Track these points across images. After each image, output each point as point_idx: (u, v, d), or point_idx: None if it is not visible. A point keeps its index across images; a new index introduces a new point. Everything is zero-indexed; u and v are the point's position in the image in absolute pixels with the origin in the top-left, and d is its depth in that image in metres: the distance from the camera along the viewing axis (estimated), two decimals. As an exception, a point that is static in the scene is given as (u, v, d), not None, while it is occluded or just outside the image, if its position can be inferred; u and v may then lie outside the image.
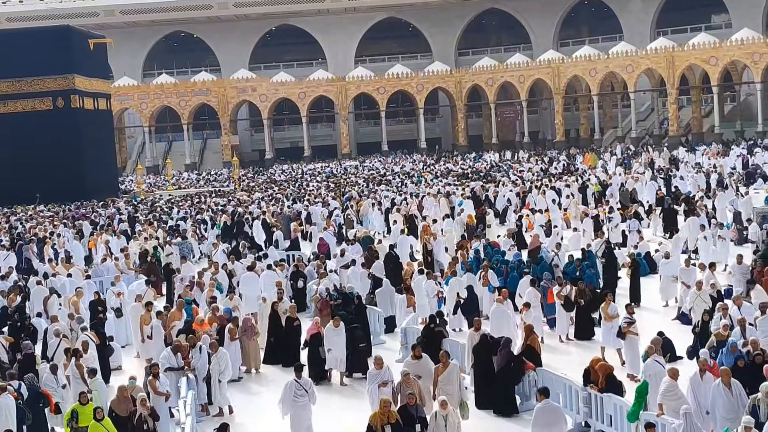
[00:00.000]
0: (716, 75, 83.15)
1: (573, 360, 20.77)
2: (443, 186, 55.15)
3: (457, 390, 16.76)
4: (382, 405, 14.92)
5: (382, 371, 17.18)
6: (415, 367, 17.23)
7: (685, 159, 65.00)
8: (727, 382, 14.87)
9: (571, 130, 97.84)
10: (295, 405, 16.89)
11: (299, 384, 16.99)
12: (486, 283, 25.32)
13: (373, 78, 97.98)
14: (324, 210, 45.97)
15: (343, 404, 19.61)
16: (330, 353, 20.76)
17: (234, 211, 46.37)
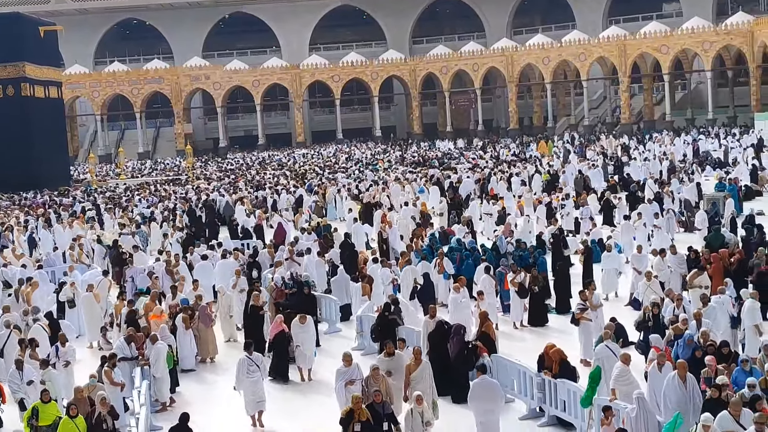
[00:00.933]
0: (667, 63, 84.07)
1: (527, 346, 20.89)
2: (401, 173, 55.32)
3: (429, 388, 16.20)
4: (354, 401, 14.53)
5: (351, 368, 16.65)
6: (388, 364, 16.73)
7: (638, 145, 65.65)
8: (682, 375, 14.64)
9: (525, 118, 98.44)
10: (247, 380, 17.70)
11: (251, 360, 17.86)
12: (441, 271, 25.41)
13: (327, 66, 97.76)
14: (290, 197, 46.03)
15: (310, 402, 19.22)
16: (298, 350, 20.23)
17: (207, 200, 46.26)
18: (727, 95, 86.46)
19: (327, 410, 17.32)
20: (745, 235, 27.23)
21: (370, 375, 15.95)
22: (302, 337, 20.22)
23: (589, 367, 17.98)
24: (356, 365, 16.71)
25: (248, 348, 18.37)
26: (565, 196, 39.23)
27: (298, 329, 20.22)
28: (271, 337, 20.41)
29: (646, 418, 13.76)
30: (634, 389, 14.78)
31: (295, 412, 18.50)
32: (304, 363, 20.43)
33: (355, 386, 16.14)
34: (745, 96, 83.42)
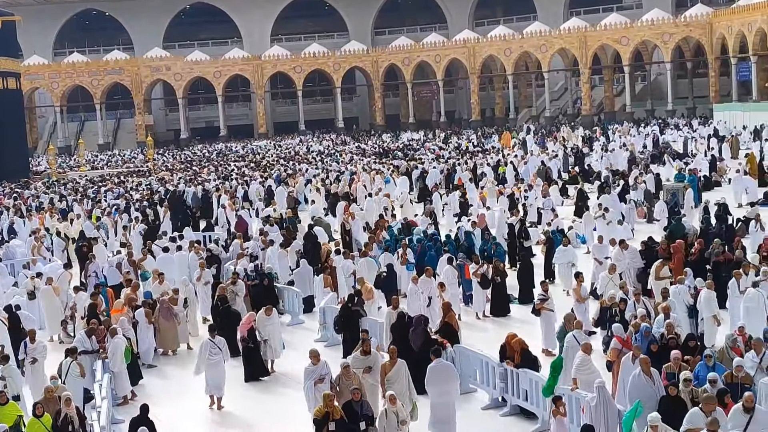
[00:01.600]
0: (627, 55, 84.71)
1: (489, 336, 21.00)
2: (366, 164, 55.53)
3: (406, 388, 15.58)
4: (326, 400, 14.02)
5: (319, 366, 16.14)
6: (364, 362, 16.15)
7: (600, 137, 66.12)
8: (646, 371, 14.43)
9: (487, 109, 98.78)
10: (209, 363, 18.30)
11: (213, 343, 18.41)
12: (404, 262, 25.45)
13: (289, 57, 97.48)
14: (260, 188, 46.10)
15: (277, 397, 18.93)
16: (266, 344, 19.95)
17: (174, 191, 46.12)
18: (687, 86, 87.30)
19: (294, 404, 17.18)
20: (704, 225, 27.48)
21: (342, 373, 15.49)
22: (269, 330, 19.97)
23: (550, 356, 18.15)
24: (324, 362, 16.27)
25: (211, 331, 18.88)
26: (528, 187, 39.44)
27: (264, 321, 20.00)
28: (243, 334, 19.81)
29: (606, 406, 13.84)
30: (596, 378, 14.89)
31: (261, 407, 18.30)
32: (271, 355, 20.18)
33: (324, 384, 15.74)
34: (704, 87, 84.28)
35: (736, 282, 19.92)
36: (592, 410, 13.88)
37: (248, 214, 37.93)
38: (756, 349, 15.02)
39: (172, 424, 17.20)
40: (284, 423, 17.20)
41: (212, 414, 18.24)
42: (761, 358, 14.76)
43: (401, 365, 15.69)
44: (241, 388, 19.35)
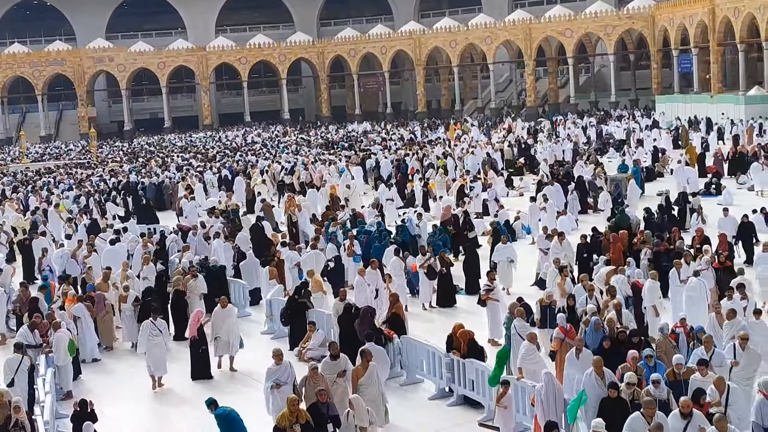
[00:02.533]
0: (571, 47, 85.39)
1: (436, 327, 21.12)
2: (315, 155, 55.74)
3: (378, 393, 15.27)
4: (290, 403, 13.56)
5: (282, 367, 15.58)
6: (334, 367, 15.52)
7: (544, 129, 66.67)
8: (599, 371, 14.11)
9: (433, 101, 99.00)
10: (150, 343, 18.87)
11: (154, 325, 18.98)
12: (351, 254, 25.48)
13: (234, 48, 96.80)
14: (214, 178, 46.32)
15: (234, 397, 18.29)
16: (218, 340, 19.34)
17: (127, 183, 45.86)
18: (629, 78, 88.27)
19: (247, 402, 16.76)
20: (647, 215, 27.82)
21: (309, 375, 15.03)
22: (226, 324, 19.39)
23: (496, 346, 18.27)
24: (288, 364, 15.72)
25: (154, 313, 19.39)
26: (473, 179, 39.66)
27: (220, 315, 19.47)
28: (193, 334, 19.23)
29: (554, 395, 13.95)
30: (542, 368, 15.02)
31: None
32: (227, 352, 19.57)
33: (282, 390, 15.17)
34: (646, 79, 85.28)
35: (677, 272, 20.21)
36: (542, 400, 13.95)
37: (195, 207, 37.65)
38: (706, 346, 14.83)
39: (116, 419, 17.07)
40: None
41: (158, 408, 18.11)
42: (710, 356, 14.56)
43: (374, 369, 15.28)
44: (189, 384, 19.04)
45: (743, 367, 14.66)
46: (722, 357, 14.70)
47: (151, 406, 18.26)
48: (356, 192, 39.33)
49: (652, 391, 13.29)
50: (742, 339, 14.91)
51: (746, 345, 14.84)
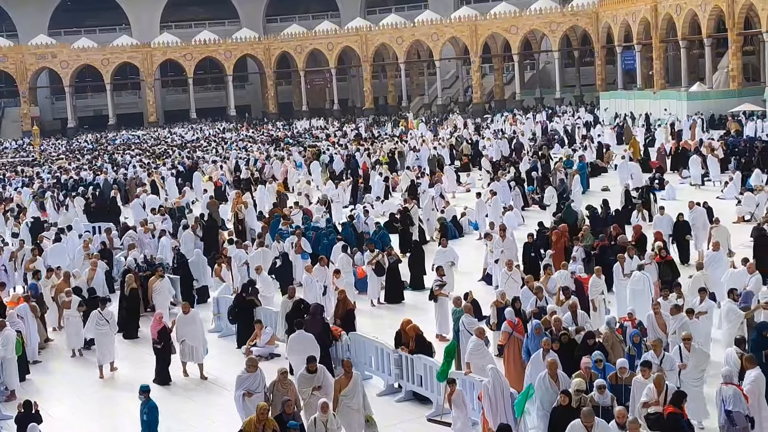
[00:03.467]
0: (517, 44, 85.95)
1: (384, 323, 21.20)
2: (263, 151, 55.88)
3: (362, 404, 14.67)
4: (259, 411, 13.18)
5: (254, 375, 15.05)
6: (310, 382, 14.94)
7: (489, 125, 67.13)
8: (553, 374, 13.95)
9: (380, 97, 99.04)
10: (97, 332, 19.50)
11: (101, 315, 19.50)
12: (299, 251, 25.45)
13: (179, 44, 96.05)
14: (168, 175, 46.26)
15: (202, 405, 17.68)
16: (183, 344, 18.76)
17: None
18: (574, 75, 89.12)
19: (220, 413, 16.59)
20: (591, 210, 28.11)
21: (278, 379, 14.67)
22: (187, 330, 18.78)
23: (444, 342, 18.37)
24: (260, 372, 15.17)
25: (102, 303, 19.90)
26: (420, 174, 39.82)
27: (183, 321, 18.87)
28: (155, 336, 18.59)
29: (501, 389, 14.05)
30: (489, 362, 15.13)
31: (186, 418, 17.02)
32: (193, 358, 18.92)
33: (253, 399, 14.69)
34: (590, 76, 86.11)
35: (620, 266, 20.47)
36: (489, 394, 14.02)
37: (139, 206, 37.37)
38: (655, 349, 14.66)
39: (62, 420, 16.92)
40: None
41: (103, 409, 17.96)
42: (661, 359, 14.46)
43: (357, 378, 14.80)
44: (136, 383, 18.39)
45: (691, 368, 14.64)
46: (672, 360, 14.59)
47: (96, 406, 18.07)
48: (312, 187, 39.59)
49: (596, 397, 13.12)
50: (686, 340, 14.86)
51: (691, 346, 14.80)
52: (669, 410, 12.80)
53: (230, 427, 15.15)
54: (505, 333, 16.59)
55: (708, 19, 65.61)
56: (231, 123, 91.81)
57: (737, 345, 14.82)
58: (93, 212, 37.12)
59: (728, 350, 14.99)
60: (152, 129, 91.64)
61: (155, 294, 22.36)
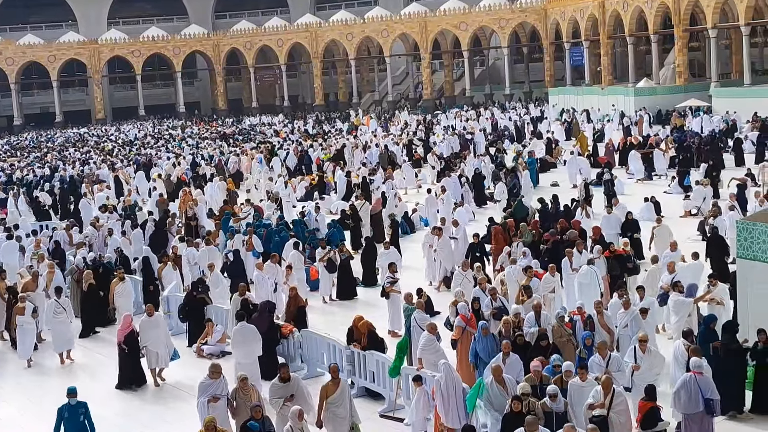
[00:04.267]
0: (466, 40, 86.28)
1: (336, 320, 21.20)
2: (216, 148, 55.73)
3: (349, 411, 14.07)
4: (205, 425, 12.61)
5: (218, 382, 14.45)
6: (282, 391, 14.12)
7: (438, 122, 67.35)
8: (499, 379, 13.69)
9: (330, 93, 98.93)
10: (54, 321, 19.84)
11: (58, 303, 19.90)
12: (250, 248, 25.36)
13: (127, 41, 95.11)
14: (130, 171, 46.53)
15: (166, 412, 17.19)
16: (148, 352, 18.13)
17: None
18: (523, 71, 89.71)
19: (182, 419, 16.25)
20: (541, 205, 28.33)
21: (239, 386, 14.19)
22: (151, 334, 18.13)
23: (396, 338, 18.41)
24: (223, 378, 14.61)
25: (57, 292, 20.33)
26: (371, 171, 39.84)
27: (147, 325, 18.20)
28: (121, 340, 18.07)
29: (454, 385, 14.09)
30: (441, 358, 15.17)
31: (147, 425, 16.68)
32: (157, 363, 18.29)
33: (219, 403, 14.24)
34: (539, 72, 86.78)
35: (569, 260, 20.65)
36: (441, 389, 14.04)
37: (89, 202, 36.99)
38: (601, 352, 14.41)
39: (7, 421, 16.73)
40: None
41: (52, 409, 17.73)
42: (607, 361, 14.25)
43: (345, 386, 14.25)
44: (114, 393, 18.17)
45: (645, 370, 14.43)
46: (619, 361, 14.39)
47: (47, 406, 17.83)
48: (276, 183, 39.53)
49: (549, 404, 12.84)
50: (642, 341, 14.63)
51: (647, 347, 14.62)
52: (650, 405, 12.90)
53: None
54: (459, 327, 16.65)
55: (654, 16, 66.41)
56: (180, 120, 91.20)
57: (685, 337, 15.01)
58: (42, 212, 36.77)
59: (676, 342, 15.21)
60: (99, 126, 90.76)
61: (117, 297, 21.73)
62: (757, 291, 15.58)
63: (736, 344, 14.89)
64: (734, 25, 62.36)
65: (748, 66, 60.14)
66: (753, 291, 15.71)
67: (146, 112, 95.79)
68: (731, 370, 14.59)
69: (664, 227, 23.76)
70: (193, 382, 16.16)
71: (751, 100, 53.80)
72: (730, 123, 49.67)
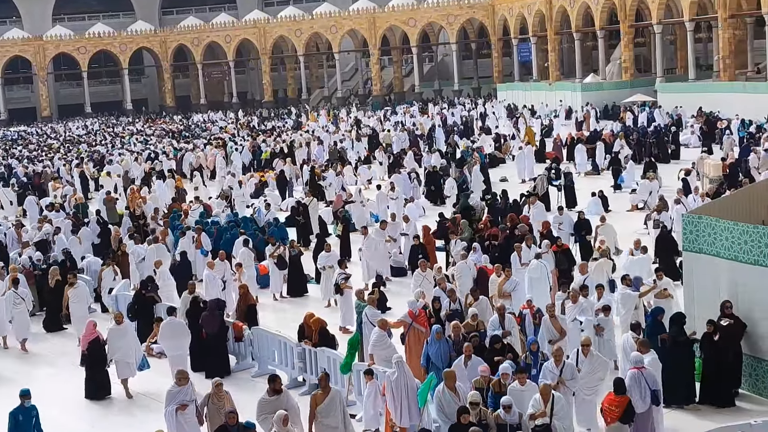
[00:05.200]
0: (415, 36, 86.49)
1: (287, 317, 21.15)
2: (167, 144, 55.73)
3: (341, 421, 13.39)
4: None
5: (185, 388, 13.95)
6: (274, 405, 13.15)
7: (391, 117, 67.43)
8: (451, 386, 13.16)
9: (279, 90, 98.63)
10: (14, 312, 20.72)
11: (17, 293, 20.75)
12: (199, 246, 25.21)
13: (73, 37, 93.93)
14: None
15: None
16: (117, 362, 17.27)
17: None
18: (472, 67, 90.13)
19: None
20: (491, 200, 28.49)
21: (213, 392, 13.68)
22: (120, 344, 17.24)
23: (348, 334, 18.42)
24: (191, 384, 14.14)
25: (14, 284, 20.93)
26: (324, 168, 39.83)
27: (115, 333, 17.29)
28: (85, 348, 17.26)
29: (405, 380, 14.11)
30: (392, 353, 15.19)
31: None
32: (125, 373, 17.39)
33: (187, 412, 13.75)
34: (488, 68, 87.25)
35: (518, 255, 20.78)
36: (392, 385, 14.05)
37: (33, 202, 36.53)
38: (556, 359, 13.83)
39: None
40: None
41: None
42: (561, 369, 13.70)
43: (336, 395, 13.46)
44: (82, 403, 17.43)
45: (586, 374, 13.97)
46: (573, 369, 13.87)
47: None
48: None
49: (503, 416, 12.37)
50: (584, 346, 14.17)
51: (589, 352, 14.14)
52: (627, 399, 12.79)
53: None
54: (404, 323, 16.60)
55: (601, 12, 67.07)
56: (128, 117, 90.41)
57: (633, 330, 15.19)
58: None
59: (624, 335, 15.37)
60: (45, 124, 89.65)
61: (71, 302, 20.93)
62: (703, 283, 15.81)
63: (684, 336, 15.10)
64: (679, 21, 63.14)
65: (692, 61, 60.97)
66: (699, 283, 15.92)
67: (93, 110, 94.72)
68: (679, 362, 14.78)
69: (608, 226, 23.48)
70: (160, 390, 15.54)
71: (696, 95, 54.57)
72: (675, 117, 50.30)
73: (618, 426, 12.83)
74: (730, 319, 14.96)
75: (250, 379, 17.74)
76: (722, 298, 15.18)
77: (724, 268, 15.32)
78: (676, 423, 14.37)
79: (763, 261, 14.58)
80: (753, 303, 14.94)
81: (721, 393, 14.90)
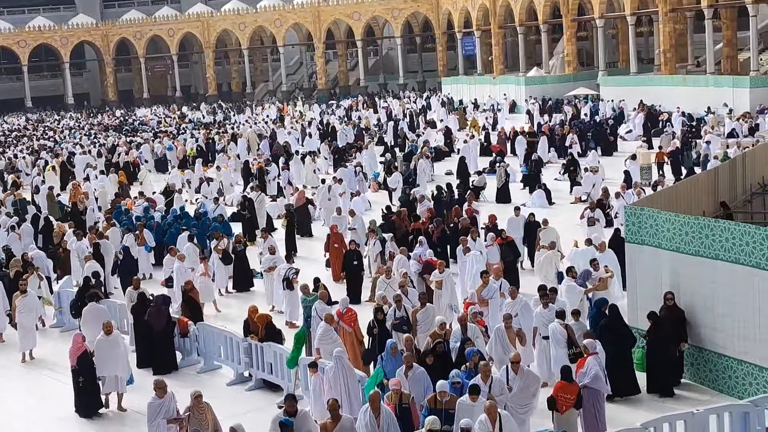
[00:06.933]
0: (360, 30, 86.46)
1: (232, 312, 21.06)
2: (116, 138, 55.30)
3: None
4: None
5: (166, 400, 13.37)
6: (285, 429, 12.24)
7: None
8: (375, 407, 12.21)
9: (224, 84, 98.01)
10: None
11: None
12: (142, 243, 24.98)
13: (12, 31, 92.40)
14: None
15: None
16: (104, 376, 16.26)
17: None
18: (416, 61, 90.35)
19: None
20: (436, 193, 28.56)
21: (193, 404, 13.14)
22: (109, 357, 16.10)
23: (294, 328, 18.38)
24: (172, 395, 13.48)
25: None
26: (267, 162, 39.59)
27: (104, 345, 16.20)
28: (74, 363, 16.05)
29: (345, 375, 14.14)
30: (336, 347, 15.18)
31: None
32: (116, 388, 16.33)
33: (175, 423, 13.22)
34: (432, 61, 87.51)
35: (463, 248, 20.85)
36: (330, 379, 14.09)
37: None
38: (484, 374, 12.95)
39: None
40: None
41: None
42: (489, 385, 12.82)
43: (346, 423, 12.18)
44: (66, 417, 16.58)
45: (517, 391, 13.13)
46: (502, 384, 13.03)
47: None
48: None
49: (464, 425, 11.51)
50: (513, 363, 13.29)
51: (519, 368, 13.26)
52: (576, 387, 12.79)
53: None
54: (330, 316, 16.29)
55: (544, 6, 67.61)
56: (69, 111, 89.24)
57: (558, 317, 15.24)
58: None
59: (551, 325, 15.29)
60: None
61: (19, 312, 19.74)
62: (646, 274, 16.01)
63: (624, 328, 15.28)
64: (620, 15, 63.89)
65: (634, 55, 61.71)
66: (641, 274, 16.13)
67: (33, 104, 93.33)
68: (620, 353, 14.94)
69: (550, 229, 22.67)
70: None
71: (637, 88, 55.26)
72: (617, 111, 50.88)
73: (571, 412, 12.90)
74: (672, 309, 15.16)
75: (196, 374, 17.63)
76: (664, 289, 15.40)
77: (666, 259, 15.53)
78: (619, 414, 14.38)
79: (704, 252, 14.80)
80: (694, 294, 15.16)
81: (664, 383, 15.07)
